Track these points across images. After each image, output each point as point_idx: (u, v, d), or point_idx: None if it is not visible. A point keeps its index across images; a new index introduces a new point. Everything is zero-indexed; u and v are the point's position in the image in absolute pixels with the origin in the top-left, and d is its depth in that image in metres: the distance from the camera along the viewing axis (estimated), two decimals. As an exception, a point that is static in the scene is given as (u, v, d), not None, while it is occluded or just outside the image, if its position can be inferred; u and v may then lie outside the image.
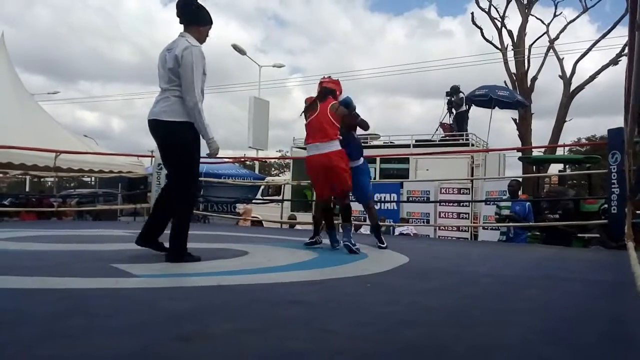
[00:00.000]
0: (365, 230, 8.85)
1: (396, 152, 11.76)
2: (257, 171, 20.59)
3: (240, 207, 11.94)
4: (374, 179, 11.78)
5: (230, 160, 14.46)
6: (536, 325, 1.77)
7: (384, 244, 4.40)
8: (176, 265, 2.94)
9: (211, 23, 3.25)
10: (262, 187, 14.23)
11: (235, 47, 20.24)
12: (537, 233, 7.32)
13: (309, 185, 10.87)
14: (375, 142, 13.27)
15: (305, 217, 10.45)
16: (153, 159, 8.75)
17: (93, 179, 17.47)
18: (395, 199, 9.97)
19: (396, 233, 8.68)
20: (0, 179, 25.54)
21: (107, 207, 10.95)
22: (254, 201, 13.62)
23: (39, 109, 12.55)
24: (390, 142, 13.02)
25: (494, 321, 1.85)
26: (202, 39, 3.19)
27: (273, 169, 37.55)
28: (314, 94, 4.28)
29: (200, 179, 12.39)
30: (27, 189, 16.27)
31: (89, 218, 10.61)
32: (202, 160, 3.28)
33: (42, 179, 16.53)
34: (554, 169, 13.69)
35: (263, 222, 11.62)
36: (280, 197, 12.74)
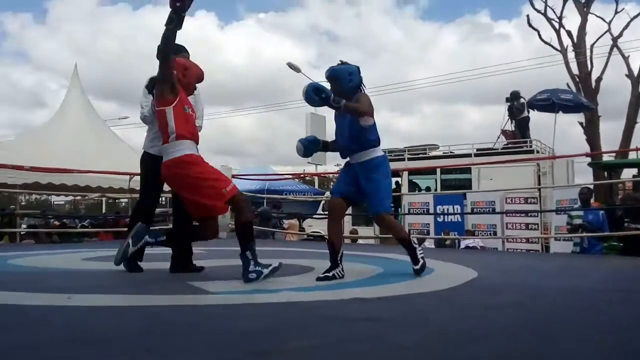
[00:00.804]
0: (429, 243, 8.72)
1: (457, 162, 11.54)
2: (316, 186, 20.81)
3: (286, 222, 12.13)
4: (435, 190, 11.62)
5: (290, 176, 14.73)
6: (618, 345, 1.69)
7: (417, 264, 3.35)
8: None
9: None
10: (323, 201, 14.35)
11: (290, 65, 20.68)
12: (615, 243, 6.92)
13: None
14: (434, 153, 13.10)
15: (367, 232, 10.44)
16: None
17: (164, 198, 18.29)
18: (459, 211, 9.75)
19: (462, 246, 8.49)
20: (79, 201, 27.33)
21: (175, 226, 11.47)
22: (314, 216, 13.77)
23: (112, 133, 13.37)
24: (450, 152, 12.79)
25: (569, 338, 1.79)
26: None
27: (332, 183, 37.71)
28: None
29: (264, 195, 12.76)
30: (103, 211, 17.29)
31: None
32: (264, 176, 3.74)
33: (116, 200, 17.48)
34: (628, 173, 12.94)
35: (325, 237, 11.69)
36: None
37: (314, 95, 3.00)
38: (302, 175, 18.47)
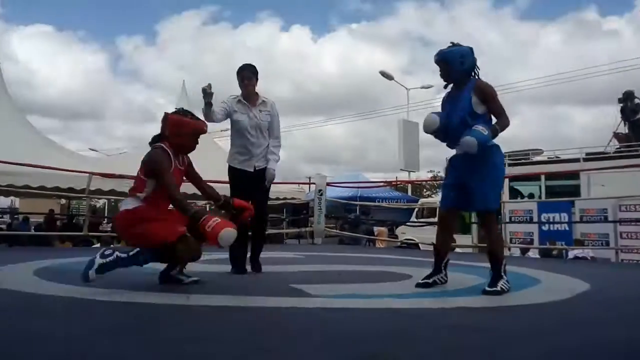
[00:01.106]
0: (533, 253, 8.27)
1: (563, 168, 10.84)
2: (409, 193, 20.53)
3: (375, 230, 12.07)
4: (539, 197, 10.99)
5: (383, 183, 14.68)
6: None
7: (493, 287, 2.83)
8: (348, 285, 3.12)
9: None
10: (417, 209, 14.14)
11: (382, 73, 20.68)
12: None
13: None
14: (537, 158, 12.41)
15: (464, 240, 10.12)
16: (314, 185, 9.31)
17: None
18: (566, 219, 9.15)
19: (570, 257, 7.94)
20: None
21: (275, 231, 11.85)
22: (408, 224, 13.61)
23: (215, 144, 14.19)
24: (556, 157, 12.04)
25: None
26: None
27: (425, 190, 36.96)
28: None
29: (356, 202, 12.86)
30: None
31: (259, 242, 11.61)
32: (357, 184, 3.69)
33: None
34: None
35: (420, 244, 11.53)
36: (436, 219, 12.53)
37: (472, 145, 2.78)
38: (394, 183, 18.33)
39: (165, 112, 3.12)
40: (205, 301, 2.49)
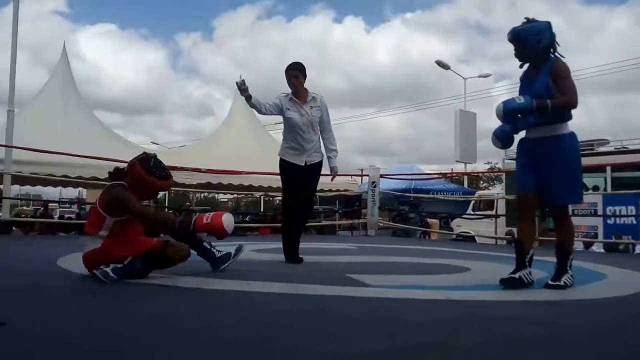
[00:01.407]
0: (598, 247, 7.93)
1: (631, 159, 10.27)
2: (465, 185, 20.09)
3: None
4: (604, 189, 10.48)
5: (438, 175, 14.44)
6: None
7: (557, 281, 2.73)
8: (404, 277, 3.14)
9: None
10: (473, 201, 13.83)
11: (439, 63, 20.25)
12: None
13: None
14: (603, 148, 11.80)
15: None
16: (367, 177, 9.31)
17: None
18: (634, 212, 8.68)
19: (637, 251, 7.56)
20: (240, 198, 29.99)
21: (328, 222, 11.96)
22: (464, 216, 13.34)
23: (271, 138, 14.45)
24: (623, 147, 11.41)
25: None
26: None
27: (482, 182, 35.98)
28: None
29: (410, 194, 12.76)
30: (262, 207, 18.77)
31: (313, 232, 11.74)
32: (411, 176, 3.63)
33: (273, 198, 18.79)
34: None
35: (476, 237, 11.30)
36: (493, 212, 12.22)
37: (507, 121, 2.74)
38: (449, 175, 17.98)
39: (132, 160, 2.95)
40: (265, 288, 2.59)
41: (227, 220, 3.01)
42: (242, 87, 3.62)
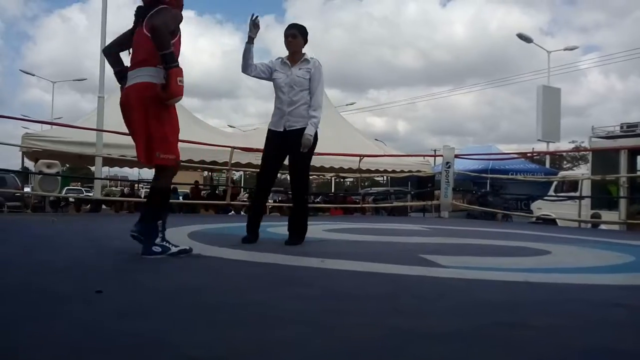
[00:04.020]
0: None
1: None
2: (547, 165, 19.08)
3: None
4: None
5: (517, 155, 13.82)
6: None
7: None
8: (480, 258, 3.07)
9: None
10: (555, 182, 13.12)
11: (520, 36, 19.22)
12: None
13: (615, 180, 9.59)
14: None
15: (610, 216, 9.24)
16: (441, 158, 9.10)
17: (385, 178, 19.13)
18: None
19: None
20: (311, 179, 30.41)
21: (400, 204, 11.88)
22: (545, 198, 12.71)
23: (342, 119, 14.47)
24: None
25: None
26: None
27: (565, 162, 34.00)
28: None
29: (488, 175, 12.31)
30: (332, 188, 18.98)
31: (384, 213, 11.72)
32: (487, 156, 3.45)
33: (342, 180, 18.90)
34: None
35: (557, 221, 10.74)
36: (577, 194, 11.55)
37: None
38: (530, 154, 17.13)
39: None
40: (338, 265, 2.63)
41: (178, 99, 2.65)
42: (255, 22, 3.43)
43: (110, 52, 2.91)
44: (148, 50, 2.63)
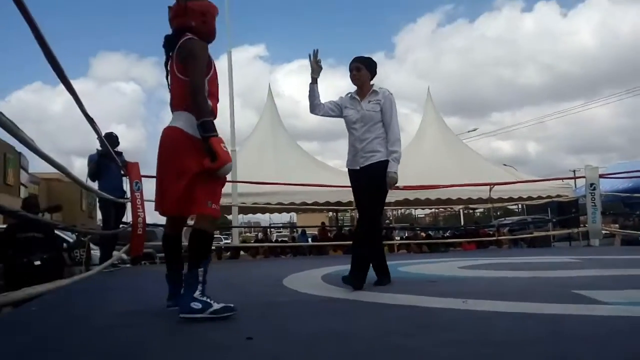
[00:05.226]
0: None
1: None
2: None
3: None
4: None
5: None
6: None
7: None
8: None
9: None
10: None
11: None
12: None
13: None
14: None
15: None
16: (583, 179, 8.31)
17: (519, 206, 17.93)
18: None
19: None
20: (438, 213, 29.56)
21: (541, 234, 10.96)
22: None
23: (465, 146, 13.99)
24: None
25: None
26: None
27: None
28: None
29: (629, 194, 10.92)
30: (461, 221, 18.20)
31: (524, 245, 10.89)
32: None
33: (472, 211, 18.08)
34: None
35: None
36: None
37: None
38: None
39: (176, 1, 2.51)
40: (483, 306, 2.46)
41: (228, 169, 2.36)
42: (317, 60, 3.36)
43: None
44: (182, 95, 2.42)
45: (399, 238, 14.11)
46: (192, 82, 2.34)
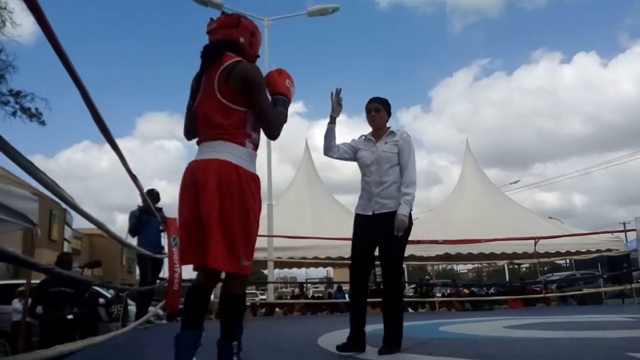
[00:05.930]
0: None
1: None
2: None
3: None
4: None
5: None
6: None
7: None
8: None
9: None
10: None
11: None
12: None
13: None
14: None
15: None
16: (634, 232, 7.88)
17: (567, 261, 17.14)
18: None
19: None
20: (481, 268, 28.54)
21: (591, 290, 10.34)
22: None
23: (507, 199, 13.63)
24: None
25: None
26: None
27: None
28: None
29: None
30: (506, 276, 17.46)
31: (573, 302, 10.29)
32: None
33: (518, 266, 17.38)
34: None
35: None
36: None
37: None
38: None
39: (223, 13, 2.30)
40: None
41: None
42: (339, 99, 3.19)
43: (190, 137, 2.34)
44: (227, 124, 2.09)
45: (440, 295, 13.58)
46: (264, 113, 2.11)
